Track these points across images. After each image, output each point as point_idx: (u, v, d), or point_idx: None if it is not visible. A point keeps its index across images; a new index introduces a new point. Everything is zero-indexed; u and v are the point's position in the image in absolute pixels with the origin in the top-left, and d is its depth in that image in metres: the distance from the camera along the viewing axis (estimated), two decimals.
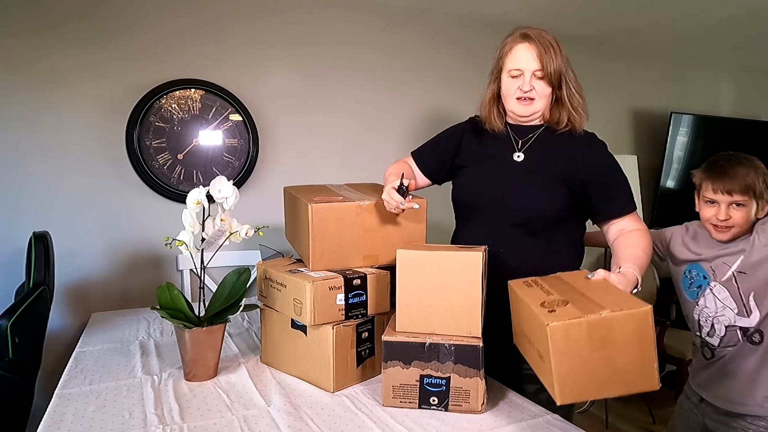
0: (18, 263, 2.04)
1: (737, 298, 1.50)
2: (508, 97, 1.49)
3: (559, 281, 1.25)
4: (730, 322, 1.52)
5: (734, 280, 1.50)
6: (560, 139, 1.49)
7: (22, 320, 1.65)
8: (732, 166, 1.46)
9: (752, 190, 1.44)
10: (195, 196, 1.40)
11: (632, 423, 3.04)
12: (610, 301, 1.07)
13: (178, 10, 2.32)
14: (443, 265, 1.25)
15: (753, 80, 4.00)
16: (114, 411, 1.24)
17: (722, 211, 1.46)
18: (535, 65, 1.42)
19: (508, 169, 1.50)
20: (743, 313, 1.50)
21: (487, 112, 1.55)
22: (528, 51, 1.43)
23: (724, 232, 1.48)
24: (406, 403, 1.25)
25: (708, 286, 1.56)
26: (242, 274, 1.49)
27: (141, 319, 2.00)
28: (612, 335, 1.02)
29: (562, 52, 1.44)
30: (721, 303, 1.53)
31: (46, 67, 2.14)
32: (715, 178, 1.47)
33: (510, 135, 1.54)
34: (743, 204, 1.45)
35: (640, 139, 3.50)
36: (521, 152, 1.51)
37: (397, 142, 2.79)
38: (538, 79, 1.43)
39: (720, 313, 1.53)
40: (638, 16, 2.90)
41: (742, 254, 1.48)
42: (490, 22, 2.92)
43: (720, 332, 1.54)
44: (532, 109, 1.47)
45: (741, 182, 1.44)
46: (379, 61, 2.73)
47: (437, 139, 1.69)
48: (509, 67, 1.46)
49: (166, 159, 2.31)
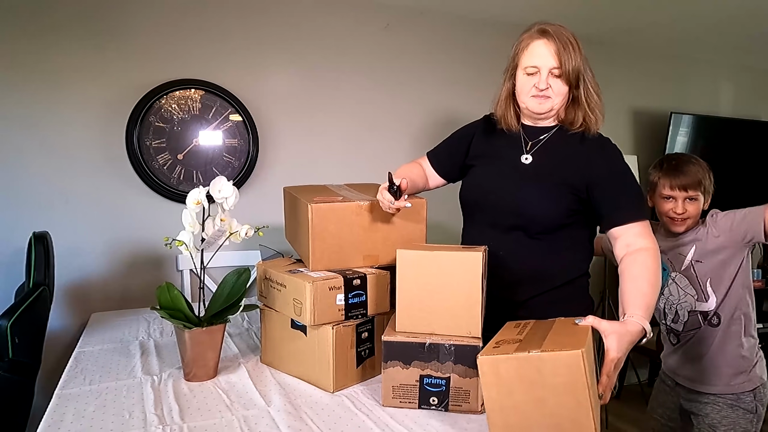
0: (18, 263, 2.04)
1: (696, 285, 1.67)
2: (522, 94, 1.43)
3: (544, 325, 1.18)
4: (691, 308, 1.68)
5: (692, 268, 1.67)
6: (571, 141, 1.45)
7: (22, 320, 1.65)
8: (685, 164, 1.65)
9: (702, 185, 1.64)
10: (195, 196, 1.40)
11: (632, 423, 3.04)
12: (555, 342, 1.02)
13: (178, 11, 2.33)
14: (443, 265, 1.25)
15: (753, 80, 4.00)
16: (114, 411, 1.24)
17: (679, 205, 1.64)
18: (553, 62, 1.36)
19: (514, 171, 1.47)
20: (702, 299, 1.66)
21: (503, 110, 1.50)
22: (545, 48, 1.37)
23: (681, 224, 1.66)
24: (406, 403, 1.25)
25: (669, 276, 1.73)
26: (242, 274, 1.49)
27: (141, 319, 2.00)
28: (542, 377, 0.97)
29: (580, 49, 1.39)
30: (682, 290, 1.69)
31: (47, 68, 2.14)
32: (672, 176, 1.65)
33: (521, 136, 1.50)
34: (695, 198, 1.64)
35: (640, 139, 3.50)
36: (529, 154, 1.47)
37: (397, 142, 2.79)
38: (555, 77, 1.38)
39: (682, 299, 1.70)
40: (638, 16, 2.90)
41: (694, 244, 1.66)
42: (490, 22, 2.92)
43: (683, 318, 1.70)
44: (548, 106, 1.41)
45: (694, 178, 1.63)
46: (379, 61, 2.73)
47: (450, 139, 1.66)
48: (525, 63, 1.40)
49: (166, 159, 2.31)
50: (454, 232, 1.67)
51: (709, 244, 1.64)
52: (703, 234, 1.65)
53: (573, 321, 1.16)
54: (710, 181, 1.66)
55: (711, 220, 1.65)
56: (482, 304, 1.26)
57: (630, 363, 3.30)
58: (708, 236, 1.64)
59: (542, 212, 1.41)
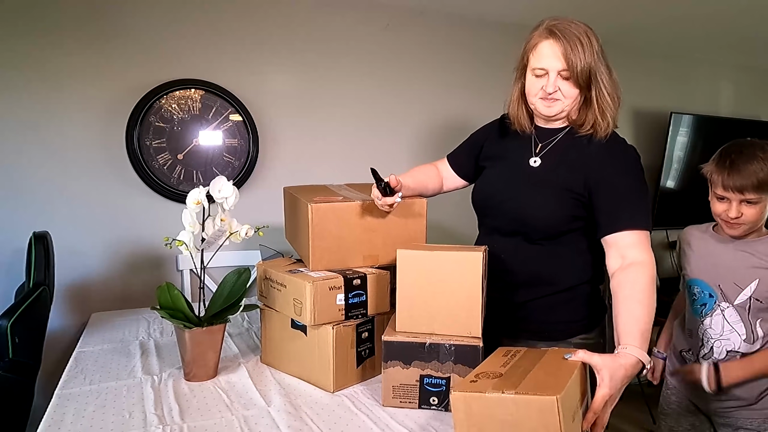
0: (18, 263, 2.04)
1: (747, 323, 1.41)
2: (531, 96, 1.37)
3: (533, 356, 1.14)
4: (733, 347, 1.43)
5: (749, 305, 1.40)
6: (579, 143, 1.38)
7: (22, 320, 1.64)
8: (744, 161, 1.34)
9: (765, 187, 1.33)
10: (195, 196, 1.40)
11: (632, 423, 3.04)
12: (535, 382, 0.98)
13: (178, 11, 2.32)
14: (443, 265, 1.25)
15: (753, 80, 4.00)
16: (114, 411, 1.24)
17: (733, 209, 1.37)
18: (560, 65, 1.29)
19: (521, 174, 1.43)
20: (750, 339, 1.41)
21: (515, 111, 1.45)
22: (553, 48, 1.29)
23: (736, 228, 1.40)
24: (406, 403, 1.25)
25: (716, 305, 1.45)
26: (242, 274, 1.49)
27: (141, 319, 2.00)
28: (514, 419, 0.94)
29: (593, 46, 1.30)
30: (729, 326, 1.43)
31: (46, 68, 2.14)
32: (725, 174, 1.36)
33: (533, 137, 1.45)
34: (755, 201, 1.35)
35: (640, 139, 3.50)
36: (538, 157, 1.42)
37: (397, 142, 2.79)
38: (563, 80, 1.31)
39: (726, 336, 1.44)
40: (638, 16, 2.90)
41: (758, 276, 1.37)
42: (490, 22, 2.92)
43: (719, 356, 1.45)
44: (557, 108, 1.35)
45: (753, 179, 1.32)
46: (379, 61, 2.73)
47: (468, 141, 1.63)
48: (533, 65, 1.33)
49: (166, 159, 2.31)
50: (454, 232, 1.67)
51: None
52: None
53: (563, 353, 1.11)
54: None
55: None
56: (482, 304, 1.26)
57: None
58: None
59: (543, 218, 1.37)
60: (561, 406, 0.91)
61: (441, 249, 1.29)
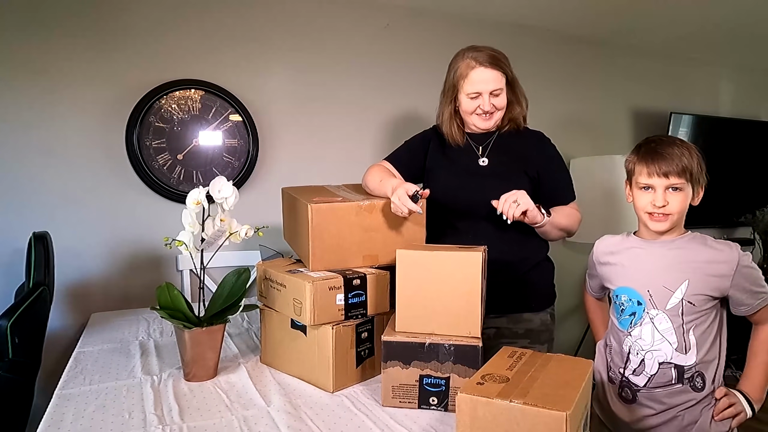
0: (18, 263, 2.04)
1: (678, 330, 1.31)
2: (468, 115, 1.60)
3: (539, 360, 1.14)
4: (665, 358, 1.32)
5: (681, 308, 1.30)
6: (513, 138, 1.65)
7: (22, 320, 1.65)
8: (666, 147, 1.32)
9: (688, 172, 1.30)
10: (195, 196, 1.40)
11: None
12: (544, 392, 0.98)
13: (178, 11, 2.33)
14: (443, 265, 1.25)
15: (753, 80, 4.00)
16: (114, 411, 1.24)
17: (659, 197, 1.31)
18: (492, 86, 1.54)
19: (475, 172, 1.62)
20: (682, 348, 1.31)
21: (448, 128, 1.65)
22: (483, 74, 1.53)
23: (662, 220, 1.32)
24: (406, 403, 1.25)
25: (645, 313, 1.34)
26: (242, 274, 1.49)
27: (141, 319, 2.00)
28: (521, 429, 0.93)
29: (507, 61, 1.57)
30: (659, 335, 1.33)
31: (46, 68, 2.14)
32: (649, 161, 1.33)
33: (471, 144, 1.66)
34: (680, 188, 1.30)
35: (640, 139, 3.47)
36: (485, 157, 1.64)
37: (397, 142, 2.78)
38: (494, 97, 1.56)
39: (656, 347, 1.33)
40: (638, 16, 2.90)
41: (687, 277, 1.30)
42: (490, 22, 2.92)
43: (651, 370, 1.34)
44: (494, 121, 1.60)
45: (677, 163, 1.30)
46: (379, 61, 2.73)
47: (411, 144, 1.77)
48: (467, 91, 1.56)
49: (166, 159, 2.31)
50: None
51: (709, 282, 1.28)
52: (702, 263, 1.30)
53: (571, 361, 1.12)
54: (701, 169, 1.32)
55: (727, 250, 1.29)
56: (482, 304, 1.26)
57: None
58: (707, 267, 1.29)
59: None
60: (569, 422, 0.91)
61: (440, 249, 1.29)
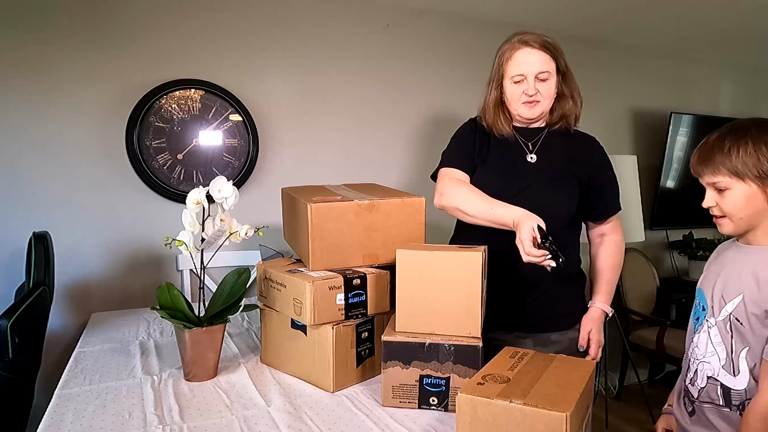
0: (18, 263, 2.04)
1: (728, 347, 1.15)
2: (513, 102, 1.50)
3: (541, 362, 1.13)
4: (713, 373, 1.17)
5: (729, 324, 1.14)
6: (564, 138, 1.54)
7: (22, 320, 1.65)
8: (711, 147, 1.18)
9: (726, 170, 1.13)
10: (195, 196, 1.40)
11: (632, 423, 3.04)
12: (544, 392, 0.98)
13: (178, 11, 2.33)
14: (443, 265, 1.25)
15: (753, 80, 4.00)
16: (114, 411, 1.24)
17: (706, 198, 1.18)
18: (537, 68, 1.45)
19: (522, 170, 1.51)
20: (730, 368, 1.14)
21: (493, 118, 1.55)
22: (528, 56, 1.45)
23: (719, 223, 1.18)
24: (406, 403, 1.25)
25: (706, 321, 1.20)
26: (242, 274, 1.49)
27: (141, 319, 2.00)
28: (521, 429, 0.93)
29: (559, 49, 1.48)
30: (712, 347, 1.18)
31: (46, 68, 2.14)
32: (693, 159, 1.21)
33: (518, 139, 1.55)
34: (722, 188, 1.14)
35: (640, 139, 3.50)
36: (533, 153, 1.53)
37: (397, 142, 2.79)
38: (541, 82, 1.46)
39: (707, 358, 1.19)
40: (638, 16, 2.90)
41: (742, 292, 1.12)
42: (490, 22, 2.92)
43: (701, 382, 1.20)
44: (540, 110, 1.49)
45: (710, 164, 1.16)
46: (379, 61, 2.73)
47: (460, 143, 1.61)
48: (511, 73, 1.48)
49: (166, 159, 2.31)
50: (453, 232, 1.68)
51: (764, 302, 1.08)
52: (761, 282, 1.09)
53: (573, 361, 1.12)
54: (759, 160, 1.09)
55: None
56: (482, 304, 1.26)
57: (630, 363, 3.30)
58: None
59: (558, 206, 1.46)
60: (570, 422, 0.91)
61: (440, 249, 1.29)
